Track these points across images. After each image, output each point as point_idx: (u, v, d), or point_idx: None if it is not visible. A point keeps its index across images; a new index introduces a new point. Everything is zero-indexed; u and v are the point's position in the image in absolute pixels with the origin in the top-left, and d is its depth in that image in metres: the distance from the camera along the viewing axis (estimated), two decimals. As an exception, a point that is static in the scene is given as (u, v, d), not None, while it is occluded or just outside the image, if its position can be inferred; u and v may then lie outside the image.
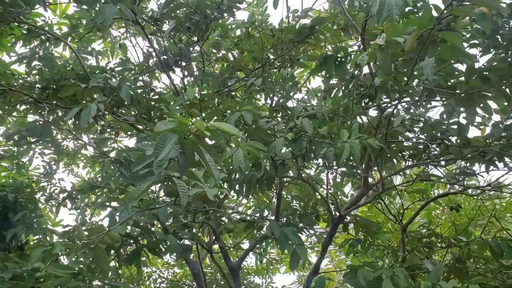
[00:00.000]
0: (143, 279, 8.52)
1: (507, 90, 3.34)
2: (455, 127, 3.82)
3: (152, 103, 4.13)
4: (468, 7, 2.67)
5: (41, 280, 2.81)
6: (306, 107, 3.53)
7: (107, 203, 6.86)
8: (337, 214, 4.52)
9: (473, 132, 5.83)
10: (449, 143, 3.82)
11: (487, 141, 4.15)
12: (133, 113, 4.50)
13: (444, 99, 3.80)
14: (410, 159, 4.63)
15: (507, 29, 3.58)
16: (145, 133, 4.66)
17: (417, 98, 3.51)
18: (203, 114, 3.65)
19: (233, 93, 5.03)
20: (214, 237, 4.98)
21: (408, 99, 3.99)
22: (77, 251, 2.76)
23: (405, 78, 3.23)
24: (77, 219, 7.19)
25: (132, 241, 3.42)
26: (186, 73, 4.88)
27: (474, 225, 6.27)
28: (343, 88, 4.77)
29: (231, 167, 3.58)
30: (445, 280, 3.98)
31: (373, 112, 4.79)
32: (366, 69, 4.47)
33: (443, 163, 4.45)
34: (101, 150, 6.52)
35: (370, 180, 4.83)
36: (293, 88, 5.08)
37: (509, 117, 3.74)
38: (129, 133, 5.47)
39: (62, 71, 4.61)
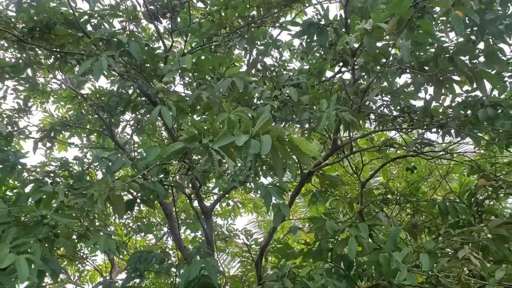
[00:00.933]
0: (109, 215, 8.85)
1: (469, 72, 3.77)
2: (421, 101, 4.29)
3: (144, 56, 4.29)
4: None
5: (48, 225, 3.10)
6: (292, 77, 3.83)
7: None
8: (308, 170, 4.95)
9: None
10: (415, 116, 4.28)
11: (446, 112, 4.65)
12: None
13: (413, 75, 4.21)
14: (376, 123, 5.08)
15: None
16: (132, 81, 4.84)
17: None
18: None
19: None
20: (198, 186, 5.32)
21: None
22: (104, 195, 3.04)
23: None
24: (46, 154, 7.35)
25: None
26: (173, 26, 5.01)
27: (424, 182, 6.97)
28: (321, 52, 5.11)
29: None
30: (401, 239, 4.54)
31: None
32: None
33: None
34: (78, 91, 6.61)
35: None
36: (273, 46, 5.36)
37: (468, 96, 4.19)
38: (111, 78, 5.59)
39: (50, 14, 4.66)
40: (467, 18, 4.12)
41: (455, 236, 3.75)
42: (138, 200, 3.97)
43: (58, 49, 4.57)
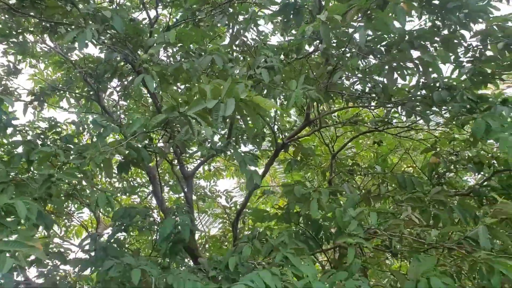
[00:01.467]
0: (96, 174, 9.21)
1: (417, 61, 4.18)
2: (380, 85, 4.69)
3: (130, 32, 4.58)
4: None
5: (54, 182, 3.48)
6: (266, 59, 4.14)
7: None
8: (281, 142, 5.36)
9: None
10: (377, 96, 4.69)
11: (410, 91, 5.05)
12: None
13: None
14: (347, 99, 5.46)
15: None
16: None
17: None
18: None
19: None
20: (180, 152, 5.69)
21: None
22: (95, 159, 3.40)
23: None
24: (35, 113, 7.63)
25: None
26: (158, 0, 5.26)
27: (394, 153, 7.45)
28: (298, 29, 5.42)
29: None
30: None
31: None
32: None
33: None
34: (67, 57, 6.86)
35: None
36: (253, 22, 5.67)
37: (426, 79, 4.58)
38: (99, 47, 5.86)
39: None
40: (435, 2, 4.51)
41: (403, 202, 4.22)
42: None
43: (47, 19, 4.83)
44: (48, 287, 3.80)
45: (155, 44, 4.14)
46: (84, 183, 5.24)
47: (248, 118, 3.19)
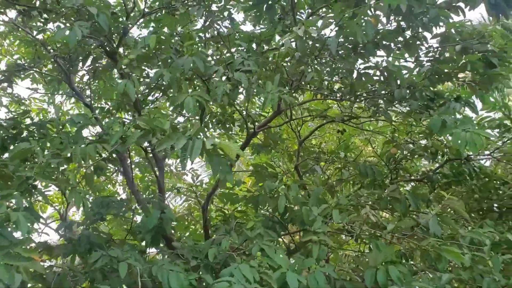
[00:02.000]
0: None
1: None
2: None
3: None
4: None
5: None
6: (244, 61, 4.31)
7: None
8: (252, 130, 5.63)
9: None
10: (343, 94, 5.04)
11: (374, 85, 5.39)
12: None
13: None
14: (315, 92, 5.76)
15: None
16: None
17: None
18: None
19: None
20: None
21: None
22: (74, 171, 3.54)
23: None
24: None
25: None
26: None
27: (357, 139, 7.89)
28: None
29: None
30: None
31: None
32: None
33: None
34: (35, 36, 6.74)
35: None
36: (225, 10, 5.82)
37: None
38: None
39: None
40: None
41: (362, 196, 4.62)
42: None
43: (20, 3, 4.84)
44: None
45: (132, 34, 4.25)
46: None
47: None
